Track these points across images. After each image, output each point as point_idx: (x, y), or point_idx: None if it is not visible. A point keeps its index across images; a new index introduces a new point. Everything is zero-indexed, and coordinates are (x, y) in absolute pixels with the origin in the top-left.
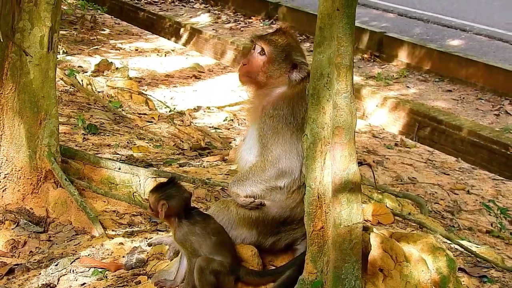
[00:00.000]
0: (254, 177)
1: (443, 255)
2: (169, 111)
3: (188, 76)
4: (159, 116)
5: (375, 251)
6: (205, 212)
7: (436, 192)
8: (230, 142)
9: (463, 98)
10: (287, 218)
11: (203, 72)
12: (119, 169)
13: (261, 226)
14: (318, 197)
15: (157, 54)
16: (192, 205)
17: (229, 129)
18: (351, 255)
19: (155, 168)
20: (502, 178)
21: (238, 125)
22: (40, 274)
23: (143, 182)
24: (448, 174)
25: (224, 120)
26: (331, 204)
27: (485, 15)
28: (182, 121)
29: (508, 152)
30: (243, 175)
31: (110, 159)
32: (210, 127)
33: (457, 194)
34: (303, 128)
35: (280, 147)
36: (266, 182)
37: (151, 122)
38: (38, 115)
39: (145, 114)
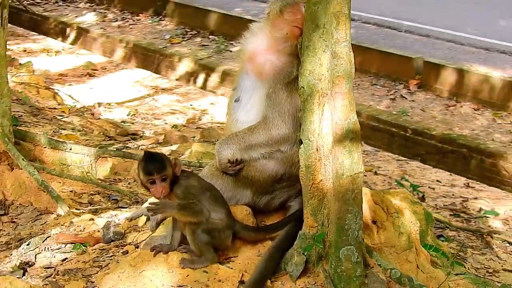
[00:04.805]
0: (255, 141)
1: (421, 209)
2: (74, 105)
3: (82, 74)
4: (69, 109)
5: (367, 204)
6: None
7: None
8: (140, 135)
9: (359, 84)
10: (283, 175)
11: (97, 70)
12: (70, 149)
13: (257, 185)
14: (317, 150)
15: (47, 54)
16: None
17: (133, 123)
18: (354, 205)
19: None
20: (405, 159)
21: (141, 119)
22: (11, 255)
23: (94, 162)
24: None
25: (127, 115)
26: (330, 156)
27: (372, 4)
28: (93, 114)
29: (407, 134)
30: (243, 139)
31: (60, 140)
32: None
33: (365, 175)
34: None
35: (292, 109)
36: (269, 147)
37: (62, 116)
38: None
39: (54, 108)
